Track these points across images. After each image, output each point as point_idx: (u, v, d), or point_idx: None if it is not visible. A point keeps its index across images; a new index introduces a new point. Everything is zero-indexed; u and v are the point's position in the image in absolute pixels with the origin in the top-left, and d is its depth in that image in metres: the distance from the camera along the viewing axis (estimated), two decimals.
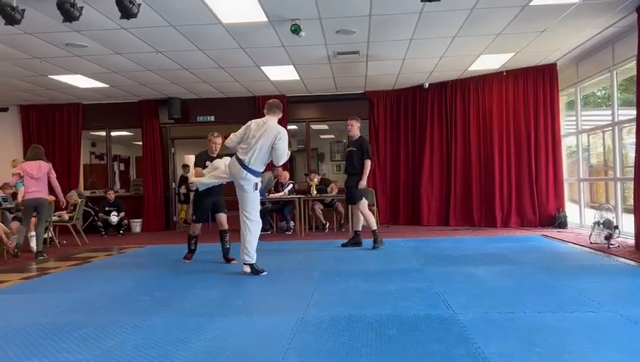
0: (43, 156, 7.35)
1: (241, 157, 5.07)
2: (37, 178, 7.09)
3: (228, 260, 6.04)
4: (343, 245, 7.16)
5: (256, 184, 5.12)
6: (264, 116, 5.24)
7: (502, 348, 2.70)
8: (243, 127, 5.24)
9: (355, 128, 7.06)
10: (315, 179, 9.35)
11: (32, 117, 10.95)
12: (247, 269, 5.14)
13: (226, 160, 5.63)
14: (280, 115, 5.28)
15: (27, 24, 5.57)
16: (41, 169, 7.14)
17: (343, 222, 9.80)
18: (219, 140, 6.18)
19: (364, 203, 6.92)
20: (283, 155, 5.02)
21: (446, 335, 2.96)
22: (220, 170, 5.65)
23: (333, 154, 13.69)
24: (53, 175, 7.34)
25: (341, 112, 10.92)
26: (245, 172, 5.02)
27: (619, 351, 2.62)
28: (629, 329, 3.03)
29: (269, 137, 4.98)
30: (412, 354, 2.66)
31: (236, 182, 5.17)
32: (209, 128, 11.05)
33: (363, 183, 6.80)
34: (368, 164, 6.82)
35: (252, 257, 5.14)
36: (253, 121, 5.23)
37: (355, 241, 7.10)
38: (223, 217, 6.12)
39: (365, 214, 6.94)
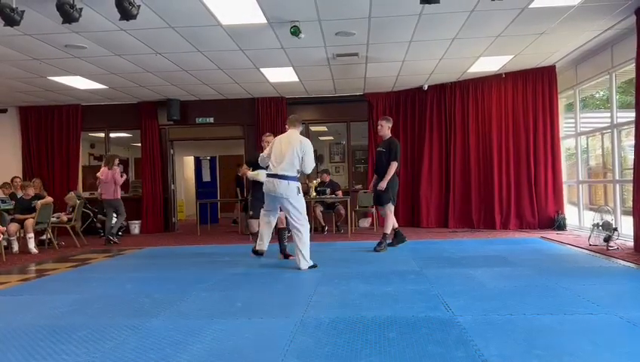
0: (110, 163, 8.70)
1: (276, 172, 5.51)
2: (105, 182, 8.61)
3: (286, 256, 6.27)
4: (390, 245, 7.09)
5: (298, 188, 5.58)
6: (286, 130, 5.82)
7: (501, 350, 2.70)
8: (269, 144, 5.86)
9: (385, 128, 7.01)
10: (315, 182, 9.34)
11: (30, 118, 10.94)
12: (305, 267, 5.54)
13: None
14: (300, 128, 5.86)
15: (26, 25, 5.57)
16: (108, 174, 8.60)
17: (340, 224, 9.78)
18: (270, 138, 6.50)
19: (390, 206, 6.88)
20: (309, 164, 5.59)
21: (445, 337, 2.95)
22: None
23: (332, 155, 13.69)
24: (118, 177, 8.70)
25: (340, 114, 10.97)
26: (286, 181, 5.46)
27: (618, 353, 2.62)
28: (629, 332, 3.03)
29: (293, 146, 5.50)
30: (411, 356, 2.66)
31: (276, 197, 5.58)
32: (208, 130, 11.13)
33: (382, 184, 6.75)
34: (393, 166, 6.75)
35: (308, 260, 5.57)
36: (277, 137, 5.82)
37: (399, 239, 7.10)
38: (282, 215, 6.23)
39: (388, 217, 6.91)
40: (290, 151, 5.47)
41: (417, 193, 10.23)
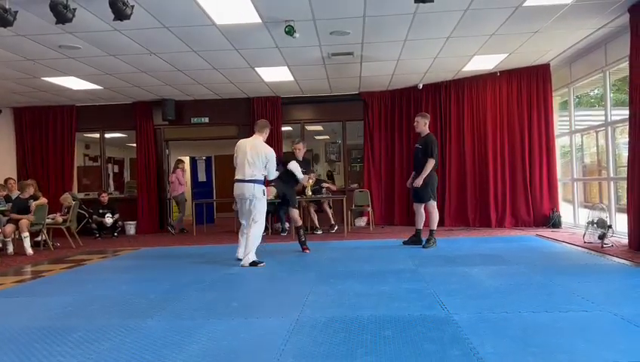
0: (175, 167, 10.77)
1: (244, 177, 5.94)
2: (172, 182, 10.65)
3: (304, 248, 6.91)
4: (405, 243, 7.20)
5: (263, 191, 6.01)
6: (253, 134, 6.27)
7: (497, 348, 2.71)
8: (235, 150, 6.19)
9: (421, 125, 6.93)
10: (311, 181, 9.33)
11: (25, 119, 10.89)
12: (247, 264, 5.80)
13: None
14: (267, 133, 6.29)
15: (19, 26, 5.54)
16: (172, 176, 10.69)
17: (333, 223, 9.65)
18: (299, 146, 7.43)
19: (432, 203, 6.84)
20: (272, 171, 6.10)
21: (441, 336, 2.96)
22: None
23: (328, 155, 13.69)
24: (181, 177, 10.68)
25: (336, 113, 10.97)
26: (251, 185, 5.89)
27: (612, 350, 2.63)
28: (623, 328, 3.05)
29: (257, 153, 5.95)
30: (407, 355, 2.67)
31: (244, 199, 6.01)
32: (203, 130, 11.11)
33: (418, 181, 6.70)
34: (429, 163, 6.67)
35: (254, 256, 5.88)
36: (240, 141, 6.21)
37: (415, 240, 7.07)
38: (296, 214, 6.99)
39: (431, 213, 6.89)
40: (257, 158, 5.95)
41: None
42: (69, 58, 7.34)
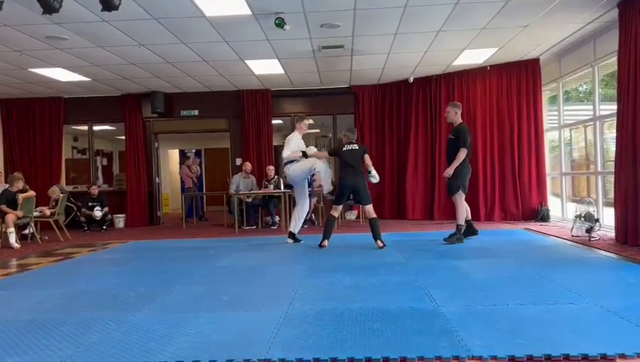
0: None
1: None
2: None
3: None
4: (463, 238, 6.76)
5: (292, 169, 6.85)
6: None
7: (485, 340, 2.72)
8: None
9: (452, 114, 6.67)
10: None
11: (12, 111, 10.75)
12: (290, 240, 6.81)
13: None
14: (302, 126, 7.25)
15: (5, 16, 5.46)
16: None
17: (312, 217, 9.56)
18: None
19: (460, 194, 6.53)
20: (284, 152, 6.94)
21: (430, 328, 2.97)
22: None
23: (318, 148, 13.65)
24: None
25: (326, 107, 10.96)
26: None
27: (599, 342, 2.66)
28: (609, 321, 3.07)
29: (287, 141, 7.04)
30: (396, 347, 2.67)
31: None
32: (193, 122, 11.04)
33: (449, 170, 6.43)
34: (461, 153, 6.35)
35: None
36: None
37: (471, 231, 6.81)
38: (370, 208, 6.52)
39: (457, 206, 6.59)
40: (287, 145, 6.92)
41: (403, 185, 10.27)
42: (57, 49, 7.25)
